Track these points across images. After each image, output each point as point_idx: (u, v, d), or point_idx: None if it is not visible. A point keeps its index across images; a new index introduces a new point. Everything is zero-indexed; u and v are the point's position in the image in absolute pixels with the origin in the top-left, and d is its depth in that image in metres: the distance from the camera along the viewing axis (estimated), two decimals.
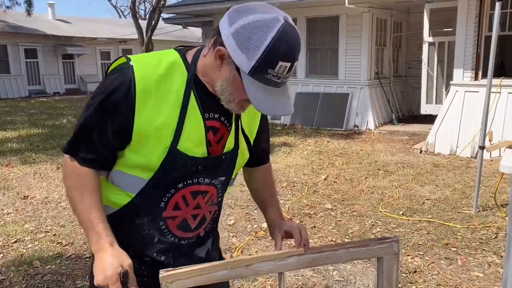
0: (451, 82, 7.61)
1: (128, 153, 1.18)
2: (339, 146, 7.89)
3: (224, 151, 1.26)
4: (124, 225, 1.25)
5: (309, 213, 4.46)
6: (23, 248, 3.64)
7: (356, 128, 9.77)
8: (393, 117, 10.30)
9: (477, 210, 4.39)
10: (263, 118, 1.40)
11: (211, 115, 1.21)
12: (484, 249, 3.56)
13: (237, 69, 1.07)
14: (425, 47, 8.78)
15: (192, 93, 1.17)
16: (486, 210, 4.44)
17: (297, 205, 4.72)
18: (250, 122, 1.33)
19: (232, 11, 1.09)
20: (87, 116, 1.16)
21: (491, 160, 6.18)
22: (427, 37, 8.68)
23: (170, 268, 1.15)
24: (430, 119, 8.43)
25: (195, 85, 1.17)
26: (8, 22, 19.00)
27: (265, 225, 4.09)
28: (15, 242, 3.77)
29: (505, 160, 2.68)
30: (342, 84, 10.18)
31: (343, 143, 8.16)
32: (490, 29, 7.40)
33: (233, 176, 1.36)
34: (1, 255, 3.54)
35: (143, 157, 1.17)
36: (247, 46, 1.03)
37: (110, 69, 1.21)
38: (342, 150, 7.53)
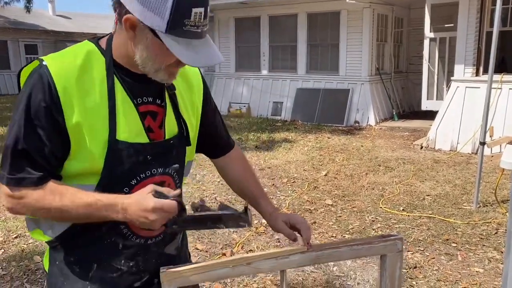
0: (452, 78, 7.59)
1: (68, 163, 1.08)
2: (340, 142, 7.88)
3: (168, 136, 1.17)
4: (81, 239, 1.14)
5: (310, 209, 4.47)
6: (24, 244, 3.65)
7: (357, 124, 9.76)
8: (394, 113, 10.29)
9: (478, 206, 4.39)
10: (206, 92, 1.31)
11: (144, 99, 1.13)
12: (484, 245, 3.56)
13: (153, 32, 1.00)
14: (426, 43, 8.75)
15: (115, 78, 1.09)
16: (487, 206, 4.44)
17: (297, 201, 4.72)
18: (188, 101, 1.24)
19: None
20: (15, 135, 1.03)
21: (492, 156, 6.18)
22: (428, 33, 8.65)
23: (171, 266, 1.14)
24: (431, 115, 8.42)
25: (117, 70, 1.09)
26: (9, 17, 18.97)
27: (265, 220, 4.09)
28: (16, 237, 3.78)
29: (505, 156, 2.67)
30: (342, 80, 10.16)
31: (343, 139, 8.16)
32: (492, 25, 7.36)
33: (185, 164, 1.27)
34: (2, 250, 3.55)
35: (85, 161, 1.07)
36: (153, 4, 0.97)
37: (21, 77, 1.08)
38: (342, 146, 7.53)
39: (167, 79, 1.11)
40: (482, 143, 4.45)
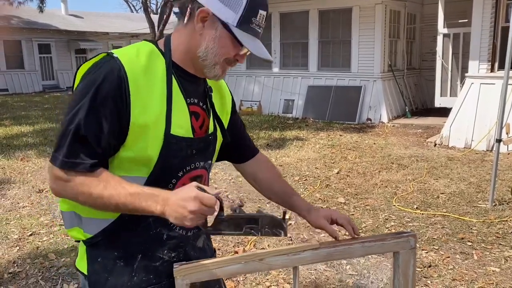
0: (466, 74, 7.49)
1: (122, 153, 1.13)
2: (352, 140, 7.83)
3: (209, 132, 1.27)
4: (129, 229, 1.18)
5: (322, 207, 4.44)
6: (39, 241, 3.69)
7: (369, 121, 9.68)
8: (407, 110, 10.19)
9: (493, 204, 4.32)
10: (233, 102, 1.43)
11: (192, 100, 1.21)
12: (500, 244, 3.50)
13: (223, 25, 1.11)
14: (439, 39, 8.65)
15: (173, 78, 1.16)
16: (503, 204, 4.37)
17: (309, 199, 4.69)
18: (221, 107, 1.35)
19: None
20: (78, 121, 1.06)
21: (508, 153, 6.09)
22: (441, 29, 8.54)
23: (184, 262, 1.15)
24: (444, 112, 8.32)
25: (174, 70, 1.17)
26: (22, 17, 19.19)
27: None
28: (31, 235, 3.82)
29: None
30: (354, 77, 10.09)
31: (356, 137, 8.10)
32: (507, 20, 7.26)
33: (212, 162, 1.35)
34: (17, 247, 3.59)
35: (140, 152, 1.12)
36: (230, 0, 1.10)
37: (86, 66, 1.13)
38: (355, 144, 7.47)
39: (220, 75, 1.20)
40: (498, 140, 4.37)
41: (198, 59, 1.16)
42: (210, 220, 1.07)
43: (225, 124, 1.35)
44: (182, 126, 1.17)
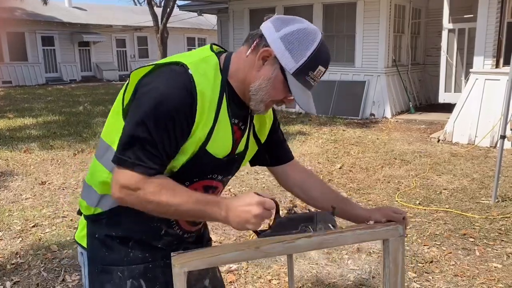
0: (470, 70, 7.44)
1: None
2: (355, 135, 7.81)
3: (237, 151, 1.30)
4: (132, 215, 1.21)
5: None
6: (41, 233, 3.70)
7: (373, 116, 9.65)
8: (411, 106, 10.15)
9: (496, 201, 4.31)
10: (275, 120, 1.45)
11: (235, 120, 1.25)
12: (503, 240, 3.49)
13: (281, 69, 1.15)
14: (444, 34, 8.59)
15: (224, 97, 1.19)
16: (506, 200, 4.36)
17: None
18: (261, 126, 1.38)
19: (276, 20, 1.18)
20: (146, 128, 1.09)
21: None
22: (446, 24, 8.49)
23: (181, 251, 1.17)
24: (448, 107, 8.28)
25: (227, 89, 1.20)
26: (26, 9, 19.17)
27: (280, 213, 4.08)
28: (33, 226, 3.84)
29: None
30: (358, 72, 10.05)
31: (359, 132, 8.08)
32: None
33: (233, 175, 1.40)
34: (20, 239, 3.60)
35: (178, 161, 1.18)
36: (295, 49, 1.13)
37: (146, 70, 1.17)
38: (358, 139, 7.46)
39: (263, 111, 1.25)
40: (502, 137, 4.35)
41: (249, 92, 1.20)
42: (266, 222, 1.12)
43: (262, 139, 1.40)
44: (219, 144, 1.20)
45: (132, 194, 1.11)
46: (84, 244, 1.30)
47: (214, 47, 1.26)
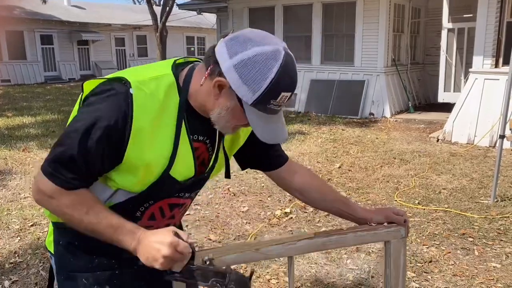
0: (470, 70, 7.44)
1: (113, 174, 1.13)
2: (354, 134, 7.81)
3: (207, 169, 1.27)
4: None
5: None
6: (40, 232, 3.69)
7: (372, 116, 9.65)
8: (410, 105, 10.15)
9: (495, 200, 4.31)
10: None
11: (195, 136, 1.19)
12: (502, 240, 3.49)
13: (238, 99, 1.06)
14: (444, 34, 8.59)
15: (183, 120, 1.14)
16: (505, 200, 4.36)
17: None
18: (233, 139, 1.32)
19: (230, 41, 1.06)
20: (75, 145, 1.06)
21: (511, 150, 6.06)
22: (446, 23, 8.48)
23: None
24: (447, 107, 8.28)
25: (186, 108, 1.14)
26: (25, 8, 19.13)
27: (278, 212, 4.08)
28: (32, 225, 3.83)
29: None
30: (358, 71, 10.04)
31: (358, 131, 8.08)
32: None
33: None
34: (19, 238, 3.59)
35: (129, 182, 1.14)
36: (251, 80, 1.02)
37: (97, 82, 1.12)
38: (357, 138, 7.45)
39: (231, 132, 1.20)
40: (502, 136, 4.35)
41: (211, 118, 1.13)
42: (179, 266, 1.05)
43: (244, 138, 1.34)
44: (183, 165, 1.16)
45: (46, 201, 1.10)
46: (52, 250, 1.28)
47: (179, 60, 1.19)
